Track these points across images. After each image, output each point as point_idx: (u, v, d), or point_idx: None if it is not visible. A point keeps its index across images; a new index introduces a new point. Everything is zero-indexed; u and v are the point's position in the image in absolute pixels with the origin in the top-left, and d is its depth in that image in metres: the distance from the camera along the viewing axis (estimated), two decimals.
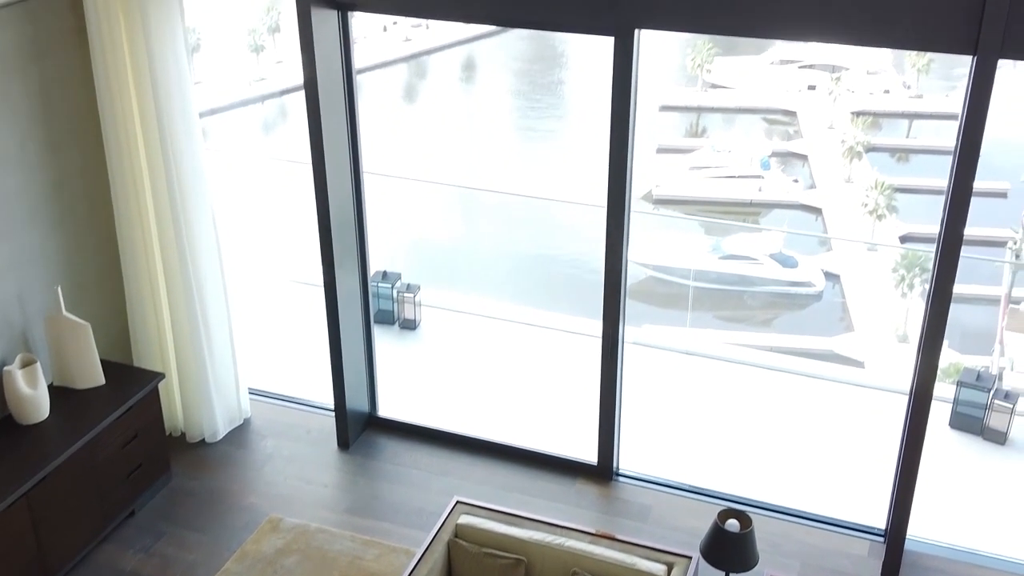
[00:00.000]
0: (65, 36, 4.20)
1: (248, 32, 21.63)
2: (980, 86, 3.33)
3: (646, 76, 4.00)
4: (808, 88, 22.01)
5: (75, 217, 4.42)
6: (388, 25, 22.32)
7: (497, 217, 17.75)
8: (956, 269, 3.64)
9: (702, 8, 3.59)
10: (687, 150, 20.90)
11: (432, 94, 23.12)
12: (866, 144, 20.40)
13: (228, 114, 20.81)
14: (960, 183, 3.50)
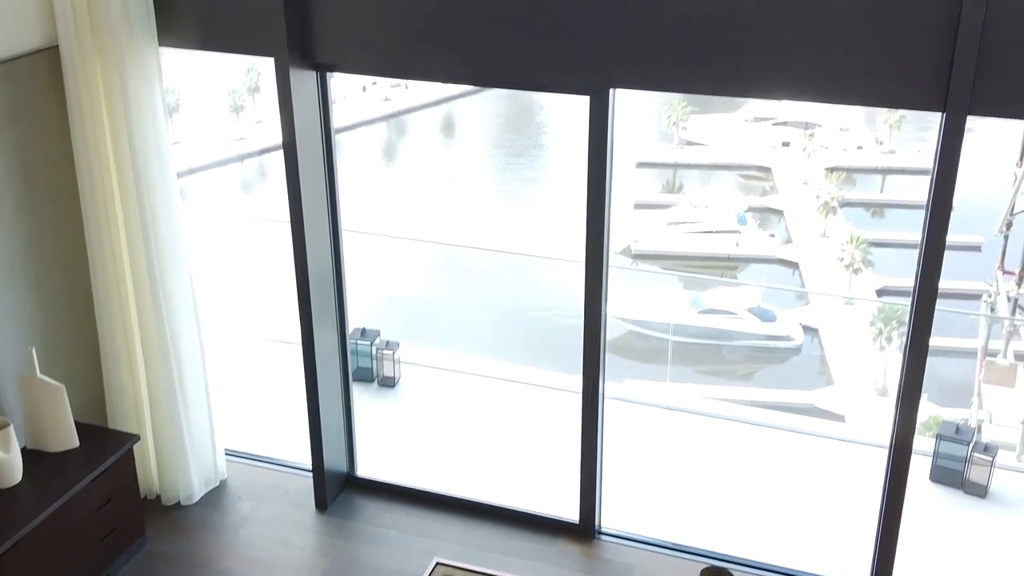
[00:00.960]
0: (43, 96, 4.21)
1: (228, 93, 21.77)
2: (950, 142, 3.39)
3: (622, 133, 4.05)
4: (782, 145, 22.34)
5: (50, 277, 4.39)
6: (368, 85, 22.54)
7: (476, 273, 17.78)
8: (932, 322, 3.67)
9: (675, 68, 3.65)
10: (664, 206, 21.09)
11: (411, 152, 23.28)
12: (841, 199, 20.67)
13: (207, 173, 20.86)
14: (933, 237, 3.54)
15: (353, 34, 4.08)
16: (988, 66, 3.25)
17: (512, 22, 3.82)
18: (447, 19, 3.89)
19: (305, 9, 4.06)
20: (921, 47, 3.32)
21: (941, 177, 3.45)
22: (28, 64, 4.11)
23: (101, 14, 4.02)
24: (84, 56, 4.07)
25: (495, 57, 3.91)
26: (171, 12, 4.19)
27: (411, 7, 3.93)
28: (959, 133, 3.37)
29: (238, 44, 4.30)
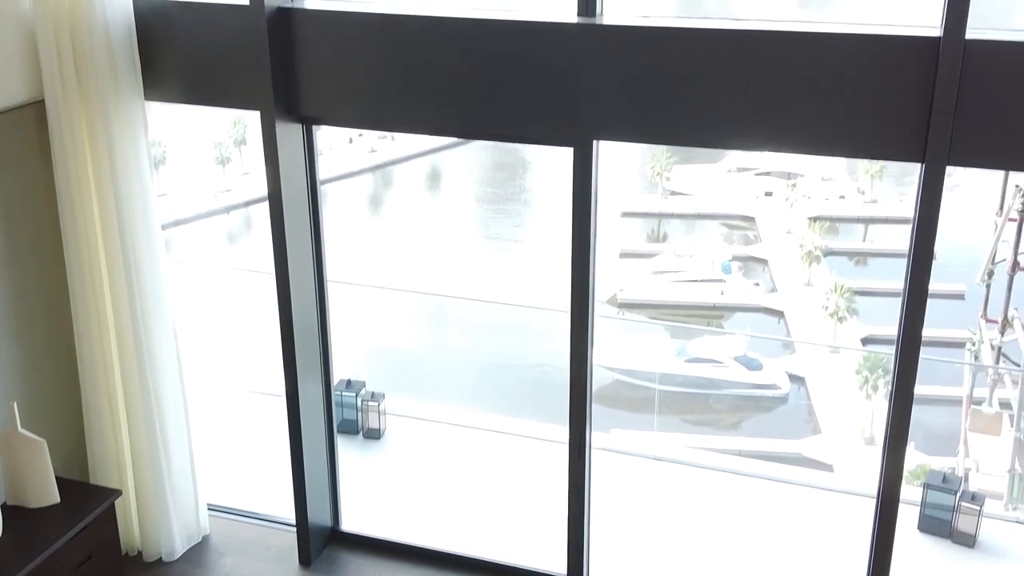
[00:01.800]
0: (28, 150, 4.22)
1: (214, 145, 21.87)
2: (930, 192, 3.43)
3: (607, 183, 4.08)
4: (765, 194, 22.55)
5: (33, 331, 4.36)
6: (354, 137, 22.69)
7: (462, 323, 17.76)
8: (916, 371, 3.68)
9: (658, 120, 3.69)
10: (649, 255, 21.20)
11: (397, 203, 23.38)
12: (824, 248, 20.82)
13: (193, 225, 20.87)
14: (916, 286, 3.57)
15: (339, 87, 4.12)
16: (966, 117, 3.30)
17: (495, 74, 3.86)
18: (431, 72, 3.93)
19: (291, 63, 4.09)
20: (899, 98, 3.38)
21: (922, 226, 3.49)
22: (14, 118, 4.12)
23: (87, 69, 4.04)
24: (70, 110, 4.09)
25: (479, 109, 3.95)
26: (158, 66, 4.22)
27: (396, 60, 3.98)
28: (939, 183, 3.41)
29: (224, 98, 4.33)
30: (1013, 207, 12.80)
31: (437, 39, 3.92)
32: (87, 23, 3.97)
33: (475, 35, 3.87)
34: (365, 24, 4.02)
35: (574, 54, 3.71)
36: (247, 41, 4.03)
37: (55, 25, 3.99)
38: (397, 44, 3.97)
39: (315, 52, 4.07)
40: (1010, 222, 12.99)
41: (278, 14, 4.02)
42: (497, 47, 3.84)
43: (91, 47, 3.99)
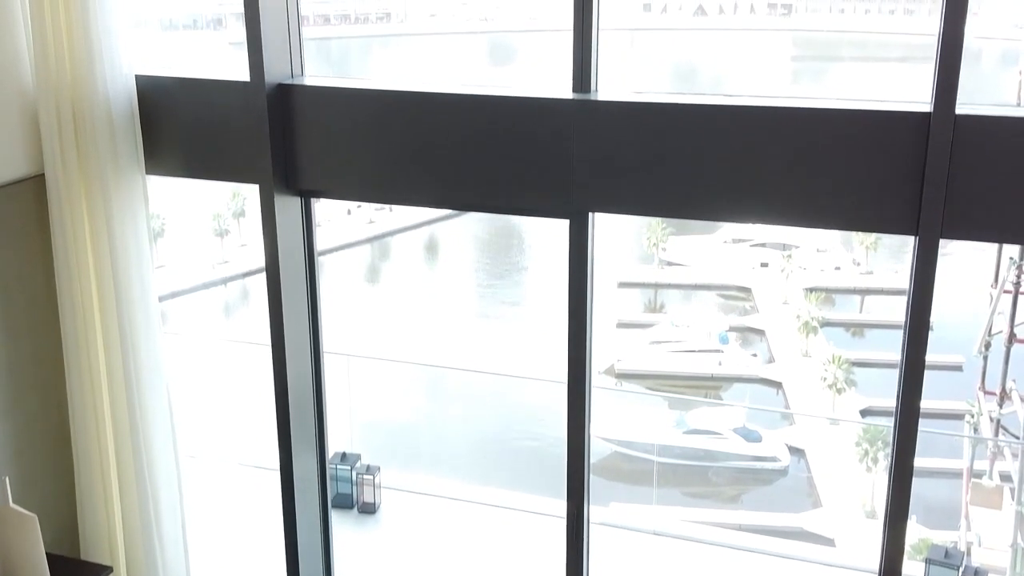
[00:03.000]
0: (27, 223, 4.24)
1: (213, 217, 22.05)
2: (924, 264, 3.45)
3: (603, 254, 4.10)
4: (761, 265, 22.68)
5: (26, 404, 4.33)
6: (352, 208, 22.89)
7: (459, 394, 17.68)
8: (915, 443, 3.65)
9: (653, 194, 3.72)
10: (646, 325, 21.22)
11: (394, 273, 23.46)
12: (821, 319, 20.86)
13: (190, 297, 20.91)
14: (913, 357, 3.56)
15: (337, 161, 4.16)
16: (958, 190, 3.33)
17: (492, 148, 3.90)
18: (429, 146, 3.98)
19: (290, 137, 4.14)
20: (892, 172, 3.41)
21: (918, 298, 3.50)
22: (13, 192, 4.15)
23: (88, 143, 4.09)
24: (70, 185, 4.12)
25: (476, 182, 3.98)
26: (159, 141, 4.27)
27: (394, 135, 4.03)
28: (933, 255, 3.43)
29: (224, 172, 4.37)
30: (1008, 279, 12.86)
31: (434, 114, 3.97)
32: (89, 98, 4.02)
33: (472, 110, 3.92)
34: (364, 100, 4.08)
35: (570, 128, 3.76)
36: (247, 116, 4.09)
37: (57, 99, 4.04)
38: (395, 119, 4.02)
39: (314, 127, 4.12)
40: (1005, 294, 13.03)
41: (278, 90, 4.08)
42: (494, 122, 3.89)
43: (92, 122, 4.04)
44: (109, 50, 3.99)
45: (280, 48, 4.10)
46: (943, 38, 3.26)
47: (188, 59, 20.91)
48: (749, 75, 23.19)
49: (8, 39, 4.06)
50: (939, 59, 3.28)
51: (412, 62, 23.71)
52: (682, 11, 23.36)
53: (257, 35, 3.99)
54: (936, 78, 3.29)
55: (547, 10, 22.30)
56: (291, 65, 4.17)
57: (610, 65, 3.88)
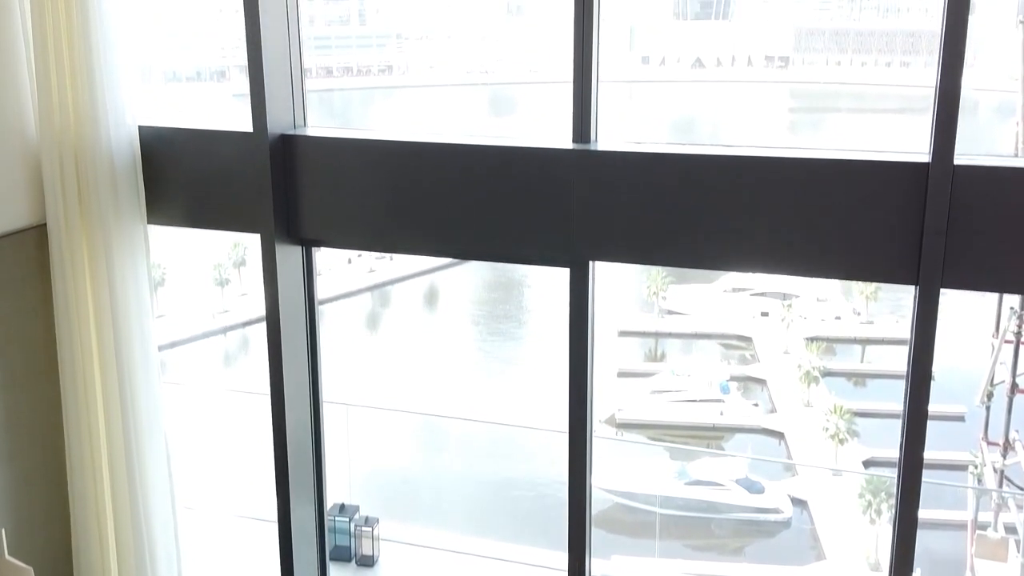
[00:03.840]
0: (29, 273, 4.24)
1: (214, 267, 22.10)
2: (925, 314, 3.44)
3: (603, 303, 4.10)
4: (761, 315, 22.67)
5: (24, 454, 4.30)
6: (353, 257, 22.95)
7: (458, 444, 17.57)
8: (919, 494, 3.62)
9: (652, 242, 3.73)
10: (647, 374, 21.14)
11: (394, 322, 23.45)
12: (822, 369, 20.79)
13: (190, 346, 20.88)
14: (915, 407, 3.54)
15: (339, 210, 4.18)
16: (957, 240, 3.34)
17: (493, 198, 3.92)
18: (430, 195, 4.00)
19: (292, 187, 4.16)
20: (891, 222, 3.42)
21: (919, 348, 3.49)
22: (15, 242, 4.16)
23: (91, 194, 4.10)
24: (72, 234, 4.13)
25: (477, 231, 4.00)
26: (161, 191, 4.29)
27: (395, 184, 4.05)
28: (933, 305, 3.42)
29: (226, 221, 4.38)
30: (1008, 329, 12.85)
31: (436, 164, 4.00)
32: (92, 148, 4.05)
33: (473, 160, 3.95)
34: (365, 150, 4.11)
35: (570, 178, 3.78)
36: (250, 166, 4.11)
37: (60, 150, 4.07)
38: (396, 169, 4.04)
39: (316, 176, 4.14)
40: (1006, 344, 13.01)
41: (280, 140, 4.11)
42: (494, 172, 3.91)
43: (95, 172, 4.06)
44: (113, 101, 4.03)
45: (283, 99, 4.14)
46: (940, 90, 3.29)
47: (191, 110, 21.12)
48: (747, 126, 23.40)
49: (13, 89, 4.10)
50: (936, 110, 3.31)
51: (414, 113, 23.95)
52: (680, 63, 23.64)
53: (260, 86, 4.03)
54: (934, 129, 3.31)
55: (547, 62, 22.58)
56: (294, 116, 4.21)
57: (609, 116, 3.92)
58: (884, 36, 21.66)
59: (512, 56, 24.02)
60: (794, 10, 21.91)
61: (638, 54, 23.18)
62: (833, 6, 20.76)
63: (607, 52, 3.78)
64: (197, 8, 20.50)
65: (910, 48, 21.66)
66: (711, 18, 22.03)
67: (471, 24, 24.05)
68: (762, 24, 22.42)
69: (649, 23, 22.49)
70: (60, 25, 3.91)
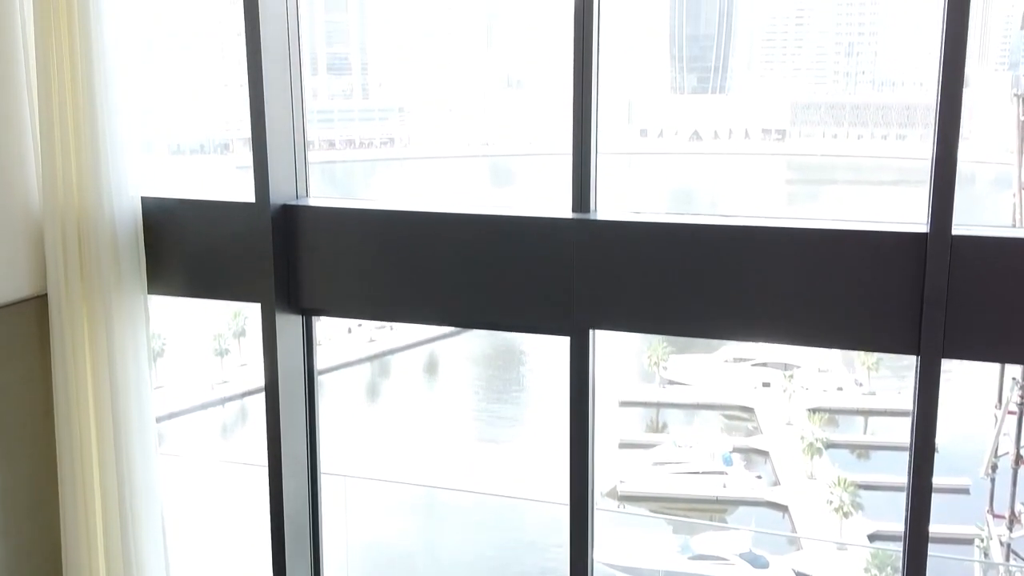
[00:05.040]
0: (28, 343, 4.23)
1: (214, 337, 22.06)
2: (927, 384, 3.42)
3: (604, 372, 4.08)
4: (763, 385, 22.55)
5: (19, 527, 4.24)
6: (353, 327, 22.92)
7: (458, 517, 17.34)
8: (926, 569, 3.56)
9: (653, 312, 3.73)
10: (649, 445, 20.96)
11: (394, 392, 23.33)
12: (825, 440, 20.62)
13: (188, 417, 20.75)
14: (919, 480, 3.50)
15: (339, 279, 4.19)
16: (958, 310, 3.34)
17: (493, 267, 3.94)
18: (430, 264, 4.01)
19: (293, 257, 4.18)
20: (891, 292, 3.43)
21: (921, 419, 3.46)
22: (16, 312, 4.16)
23: (92, 264, 4.12)
24: (72, 305, 4.13)
25: (477, 300, 4.00)
26: (162, 261, 4.31)
27: (396, 254, 4.06)
28: (935, 375, 3.41)
29: (226, 291, 4.40)
30: (1011, 400, 12.78)
31: (436, 233, 4.02)
32: (94, 219, 4.07)
33: (473, 229, 3.97)
34: (366, 219, 4.13)
35: (570, 247, 3.80)
36: (251, 236, 4.13)
37: (63, 220, 4.09)
38: (397, 238, 4.07)
39: (317, 245, 4.16)
40: (1009, 415, 12.92)
41: (282, 210, 4.14)
42: (494, 241, 3.93)
43: (97, 243, 4.08)
44: (116, 173, 4.07)
45: (285, 170, 4.19)
46: (936, 160, 3.33)
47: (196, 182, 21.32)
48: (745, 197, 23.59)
49: (17, 160, 4.15)
50: (933, 181, 3.34)
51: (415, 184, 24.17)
52: (678, 136, 23.93)
53: (263, 158, 4.07)
54: (931, 199, 3.34)
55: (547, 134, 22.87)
56: (296, 186, 4.25)
57: (608, 187, 3.95)
58: (880, 109, 21.95)
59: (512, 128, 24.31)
60: (790, 84, 22.23)
61: (636, 127, 23.47)
62: (828, 80, 21.08)
63: (606, 125, 3.83)
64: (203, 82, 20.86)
65: (906, 121, 21.92)
66: (708, 92, 22.36)
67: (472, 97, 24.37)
68: (758, 98, 22.73)
69: (647, 97, 22.80)
70: (66, 96, 3.97)
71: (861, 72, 20.70)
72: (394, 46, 22.70)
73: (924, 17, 18.12)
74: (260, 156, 4.08)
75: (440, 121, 25.02)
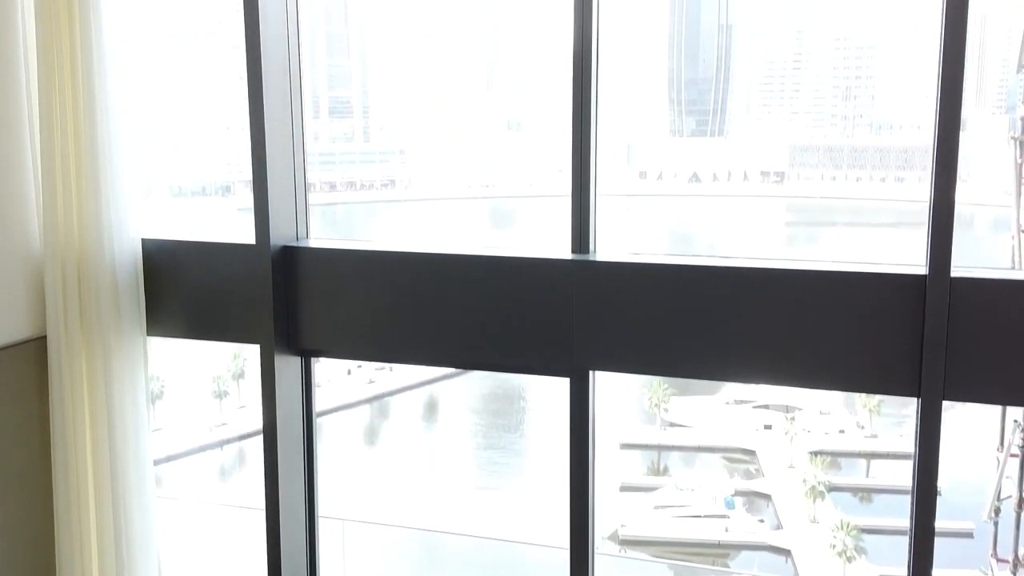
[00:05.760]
0: (26, 385, 4.22)
1: (213, 379, 21.99)
2: (928, 427, 3.41)
3: (604, 414, 4.06)
4: (764, 427, 22.45)
5: (15, 571, 4.20)
6: (353, 368, 22.86)
7: (458, 560, 17.16)
8: None
9: (652, 353, 3.72)
10: (651, 488, 20.81)
11: (393, 434, 23.21)
12: (827, 484, 20.48)
13: (186, 460, 20.62)
14: (922, 524, 3.47)
15: (339, 320, 4.19)
16: (958, 352, 3.33)
17: (493, 308, 3.94)
18: (430, 305, 4.01)
19: (293, 298, 4.18)
20: (891, 334, 3.42)
21: (923, 462, 3.44)
22: (15, 354, 4.16)
23: (92, 307, 4.12)
24: (71, 347, 4.13)
25: (477, 341, 4.00)
26: (162, 303, 4.31)
27: (396, 295, 4.06)
28: (936, 418, 3.39)
29: (225, 332, 4.39)
30: (1013, 443, 12.70)
31: (436, 274, 4.03)
32: (95, 261, 4.08)
33: (473, 270, 3.98)
34: (366, 261, 4.14)
35: (569, 288, 3.80)
36: (251, 277, 4.14)
37: (63, 262, 4.10)
38: (397, 279, 4.07)
39: (317, 287, 4.17)
40: (1012, 458, 12.83)
41: (282, 252, 4.15)
42: (494, 282, 3.94)
43: (97, 285, 4.08)
44: (117, 215, 4.09)
45: (286, 212, 4.20)
46: (934, 204, 3.34)
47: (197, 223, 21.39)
48: (745, 239, 23.65)
49: (19, 202, 4.17)
50: (932, 224, 3.35)
51: (416, 225, 24.23)
52: (677, 178, 24.04)
53: (264, 200, 4.09)
54: (930, 242, 3.35)
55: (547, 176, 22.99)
56: (296, 228, 4.26)
57: (608, 228, 3.96)
58: (878, 152, 22.08)
59: (512, 170, 24.44)
60: (788, 127, 22.39)
61: (636, 169, 23.60)
62: (826, 123, 21.23)
63: (606, 167, 3.85)
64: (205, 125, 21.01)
65: (904, 164, 22.04)
66: (707, 135, 22.50)
67: (472, 139, 24.53)
68: (757, 141, 22.88)
69: (647, 140, 22.94)
70: (68, 139, 4.00)
71: (859, 115, 20.84)
72: (395, 89, 22.89)
73: (920, 60, 18.30)
74: (261, 198, 4.09)
75: (441, 163, 25.16)
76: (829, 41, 19.60)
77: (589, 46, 3.78)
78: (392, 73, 23.49)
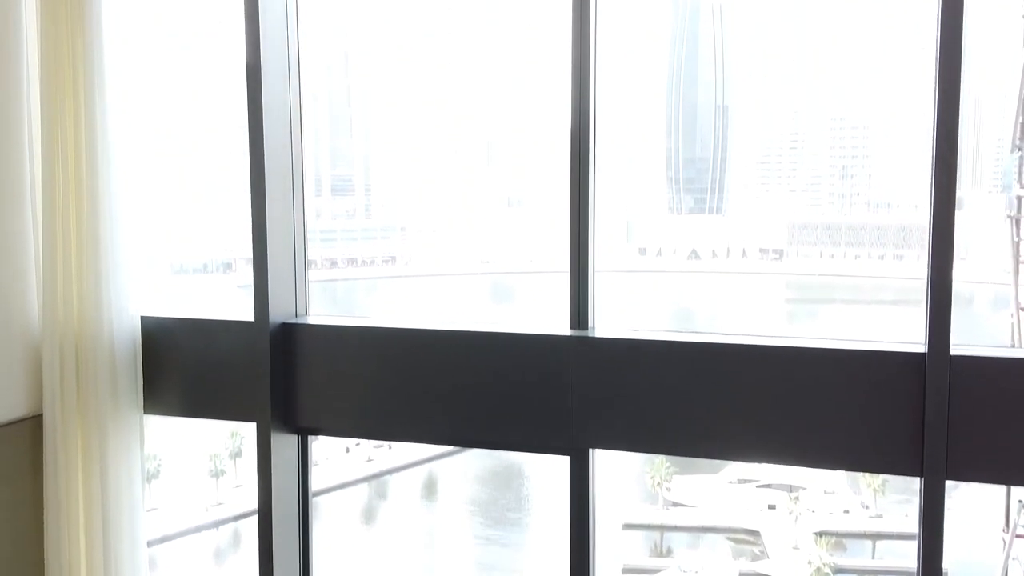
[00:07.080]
0: (22, 463, 4.19)
1: (210, 457, 21.80)
2: (932, 507, 3.37)
3: (605, 493, 4.03)
4: (768, 507, 22.16)
5: None
6: (351, 446, 22.68)
7: None
8: None
9: (653, 431, 3.70)
10: (654, 571, 20.45)
11: (391, 514, 22.92)
12: (833, 565, 20.14)
13: (181, 540, 20.32)
14: None
15: (336, 398, 4.17)
16: (960, 431, 3.31)
17: (491, 385, 3.93)
18: (428, 382, 4.00)
19: (291, 376, 4.17)
20: (892, 412, 3.41)
21: (927, 543, 3.39)
22: (10, 433, 4.14)
23: (89, 385, 4.11)
24: (67, 425, 4.11)
25: (476, 418, 3.98)
26: (159, 381, 4.30)
27: (394, 372, 4.06)
28: (940, 497, 3.36)
29: (222, 410, 4.38)
30: (1019, 523, 12.52)
31: (434, 351, 4.02)
32: (93, 339, 4.08)
33: (472, 347, 3.97)
34: (365, 337, 4.14)
35: (568, 365, 3.79)
36: (249, 355, 4.13)
37: (61, 340, 4.11)
38: (396, 356, 4.06)
39: (315, 364, 4.16)
40: (1018, 539, 12.65)
41: (281, 329, 4.16)
42: (492, 359, 3.93)
43: (95, 363, 4.08)
44: (116, 293, 4.11)
45: (286, 289, 4.22)
46: (932, 282, 3.36)
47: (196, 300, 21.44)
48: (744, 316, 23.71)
49: (19, 279, 4.19)
50: (930, 301, 3.36)
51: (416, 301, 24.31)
52: (676, 255, 24.19)
53: (264, 278, 4.11)
54: (928, 320, 3.35)
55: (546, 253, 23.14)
56: (295, 305, 4.28)
57: (607, 305, 3.98)
58: (876, 230, 22.25)
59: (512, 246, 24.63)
60: (786, 205, 22.63)
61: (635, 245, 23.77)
62: (824, 202, 21.47)
63: (605, 244, 3.88)
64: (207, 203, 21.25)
65: (902, 242, 22.20)
66: (705, 212, 22.74)
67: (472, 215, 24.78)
68: (755, 218, 23.09)
69: (645, 217, 23.17)
70: (70, 217, 4.04)
71: (856, 193, 21.09)
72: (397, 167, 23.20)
73: (917, 139, 18.56)
74: (261, 275, 4.11)
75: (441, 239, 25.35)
76: (825, 120, 19.93)
77: (587, 125, 3.84)
78: (394, 152, 23.84)
